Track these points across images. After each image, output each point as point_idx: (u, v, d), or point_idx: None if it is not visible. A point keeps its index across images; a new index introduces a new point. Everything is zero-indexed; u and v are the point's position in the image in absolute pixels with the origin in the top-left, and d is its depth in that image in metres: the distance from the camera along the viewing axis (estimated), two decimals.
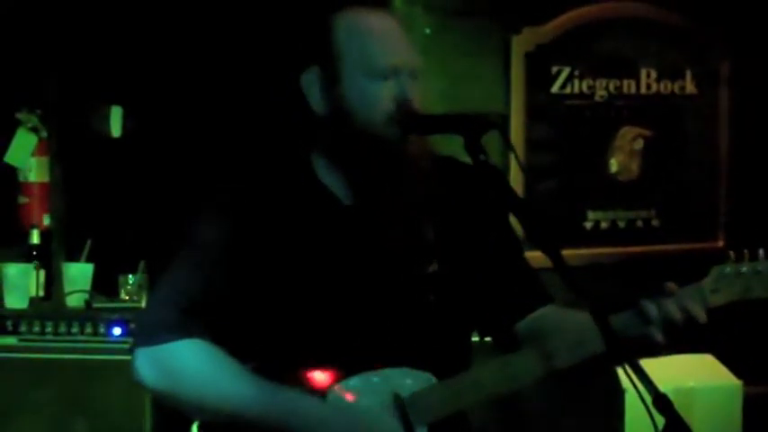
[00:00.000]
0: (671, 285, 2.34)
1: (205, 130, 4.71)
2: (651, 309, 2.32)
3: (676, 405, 2.02)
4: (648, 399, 2.03)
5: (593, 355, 2.32)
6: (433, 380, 2.34)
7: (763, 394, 4.48)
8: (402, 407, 2.31)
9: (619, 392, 3.96)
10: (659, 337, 2.32)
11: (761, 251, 2.39)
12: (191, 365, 2.30)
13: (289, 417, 2.27)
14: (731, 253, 2.41)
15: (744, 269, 2.39)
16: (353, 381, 2.32)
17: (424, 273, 2.39)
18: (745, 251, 2.40)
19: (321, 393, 2.31)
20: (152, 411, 3.99)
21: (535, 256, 2.33)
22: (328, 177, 2.38)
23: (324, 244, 2.35)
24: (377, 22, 2.36)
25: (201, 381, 2.30)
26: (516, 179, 4.50)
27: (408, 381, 2.33)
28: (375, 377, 2.32)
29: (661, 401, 2.02)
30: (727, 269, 2.40)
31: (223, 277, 2.32)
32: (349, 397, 2.32)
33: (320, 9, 2.42)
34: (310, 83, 2.36)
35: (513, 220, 2.36)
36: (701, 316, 2.34)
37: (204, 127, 4.73)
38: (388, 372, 2.33)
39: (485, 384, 2.35)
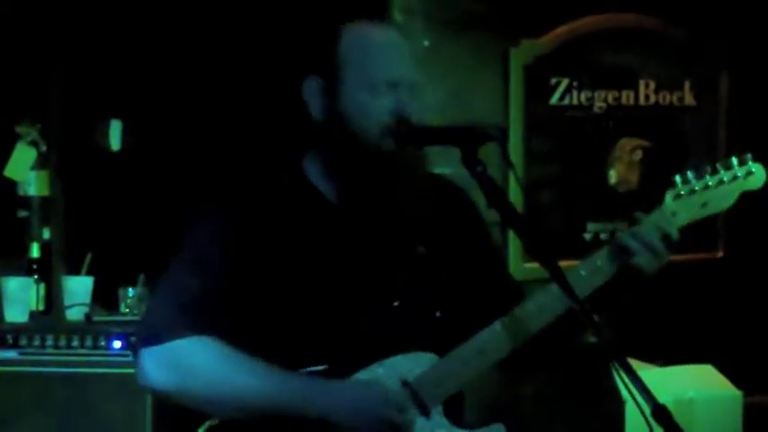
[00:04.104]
0: (637, 213, 2.44)
1: (204, 143, 4.72)
2: (628, 239, 2.41)
3: (677, 416, 2.03)
4: (647, 409, 2.04)
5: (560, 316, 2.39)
6: (435, 358, 2.39)
7: (764, 404, 4.48)
8: (413, 391, 2.36)
9: (619, 403, 3.95)
10: (641, 262, 2.40)
11: (707, 167, 2.51)
12: (201, 361, 2.33)
13: (310, 401, 2.31)
14: (677, 176, 2.49)
15: (696, 187, 2.48)
16: (360, 375, 2.37)
17: (415, 270, 2.45)
18: (689, 172, 2.49)
19: None
20: (153, 424, 3.98)
21: (534, 268, 2.34)
22: (320, 180, 2.45)
23: (315, 243, 2.41)
24: (379, 36, 2.43)
25: (213, 375, 2.32)
26: (515, 191, 4.50)
27: (411, 364, 2.38)
28: (379, 368, 2.37)
29: (659, 412, 2.02)
30: (681, 190, 2.48)
31: (222, 276, 2.37)
32: None
33: (324, 21, 2.47)
34: (311, 91, 2.43)
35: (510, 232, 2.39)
36: (674, 233, 2.43)
37: (204, 140, 4.73)
38: (390, 360, 2.38)
39: (490, 348, 2.40)
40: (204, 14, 4.71)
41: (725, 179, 2.50)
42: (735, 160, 2.53)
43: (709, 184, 2.49)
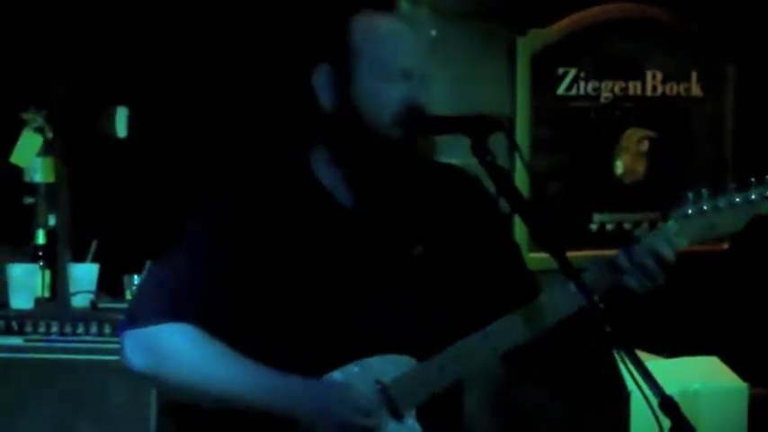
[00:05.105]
0: (639, 231, 2.39)
1: (211, 131, 4.72)
2: (621, 258, 2.36)
3: (682, 407, 2.03)
4: (654, 401, 2.03)
5: (573, 316, 2.34)
6: (414, 362, 2.36)
7: None
8: (386, 393, 2.33)
9: (624, 394, 3.95)
10: (632, 283, 2.35)
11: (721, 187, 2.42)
12: (178, 347, 2.34)
13: (275, 397, 2.30)
14: (690, 194, 2.40)
15: (705, 207, 2.39)
16: (335, 374, 2.34)
17: (415, 270, 2.41)
18: (704, 190, 2.40)
19: None
20: (157, 412, 3.99)
21: (540, 258, 2.33)
22: (327, 177, 2.41)
23: (319, 242, 2.38)
24: (392, 26, 2.40)
25: (186, 362, 2.33)
26: (522, 181, 4.50)
27: (389, 366, 2.35)
28: (355, 367, 2.34)
29: (667, 403, 2.02)
30: (689, 210, 2.39)
31: (216, 270, 2.36)
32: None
33: (332, 10, 2.45)
34: (322, 80, 2.39)
35: (517, 221, 2.37)
36: (670, 256, 2.36)
37: (210, 127, 4.73)
38: (368, 361, 2.35)
39: (468, 357, 2.35)
40: (212, 2, 4.71)
41: (737, 201, 2.41)
42: (753, 181, 2.43)
43: (720, 205, 2.40)
